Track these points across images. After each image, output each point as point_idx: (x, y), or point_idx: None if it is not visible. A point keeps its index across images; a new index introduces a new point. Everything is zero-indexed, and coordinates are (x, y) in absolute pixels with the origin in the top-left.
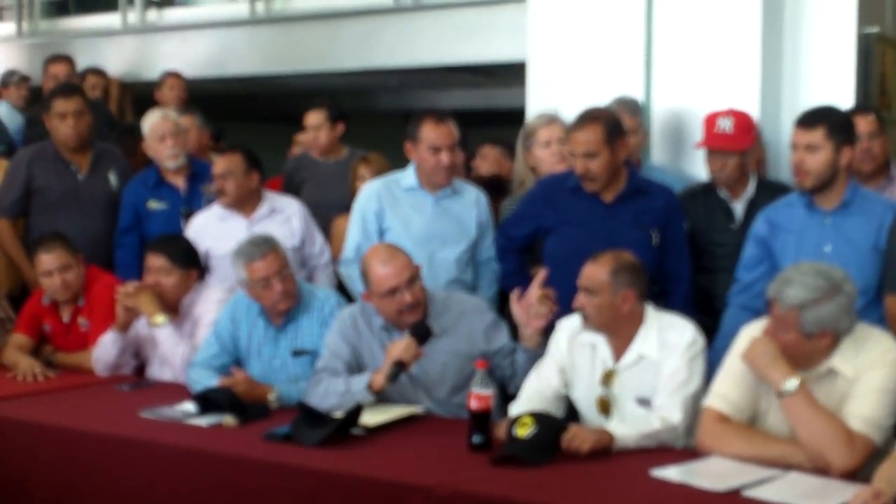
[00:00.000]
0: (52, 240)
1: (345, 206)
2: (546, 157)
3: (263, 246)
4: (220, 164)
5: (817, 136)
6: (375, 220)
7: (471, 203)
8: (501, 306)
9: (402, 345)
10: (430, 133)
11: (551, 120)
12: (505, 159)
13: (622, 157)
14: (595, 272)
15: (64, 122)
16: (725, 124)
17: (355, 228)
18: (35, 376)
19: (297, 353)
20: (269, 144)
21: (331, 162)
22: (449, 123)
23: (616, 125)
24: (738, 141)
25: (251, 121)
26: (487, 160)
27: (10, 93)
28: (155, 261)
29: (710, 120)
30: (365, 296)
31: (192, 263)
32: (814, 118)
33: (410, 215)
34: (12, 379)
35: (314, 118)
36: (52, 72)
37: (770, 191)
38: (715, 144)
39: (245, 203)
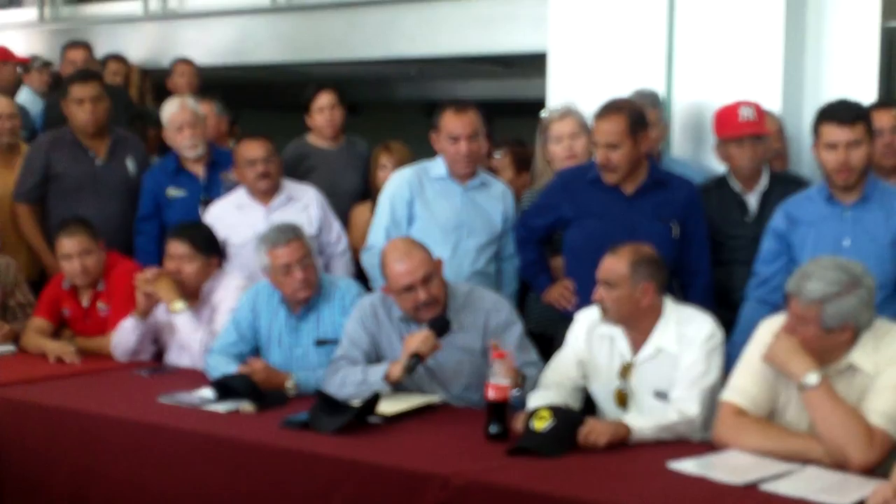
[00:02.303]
0: (74, 224)
1: (358, 194)
2: (558, 153)
3: (288, 233)
4: (259, 148)
5: (859, 131)
6: (406, 208)
7: (498, 197)
8: (521, 299)
9: (419, 337)
10: (448, 122)
11: (564, 114)
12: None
13: (644, 149)
14: (614, 265)
15: (81, 108)
16: (748, 112)
17: (384, 215)
18: (62, 357)
19: (320, 343)
20: (287, 133)
21: (335, 149)
22: (469, 113)
23: (640, 117)
24: (763, 125)
25: (270, 109)
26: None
27: (33, 78)
28: (177, 247)
29: (731, 111)
30: (384, 289)
31: (214, 250)
32: (853, 114)
33: (439, 204)
34: (32, 363)
35: (327, 98)
36: (70, 58)
37: (783, 183)
38: (748, 131)
39: (264, 191)
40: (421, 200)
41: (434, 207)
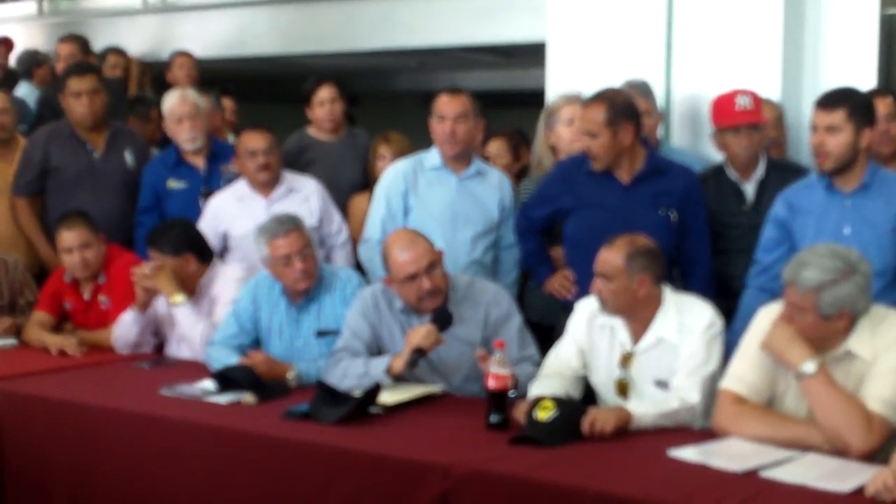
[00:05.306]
0: (74, 217)
1: (358, 185)
2: (566, 135)
3: (287, 224)
4: (261, 139)
5: (837, 117)
6: (401, 200)
7: (494, 186)
8: (521, 289)
9: (422, 331)
10: (439, 104)
11: (575, 98)
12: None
13: (626, 140)
14: (610, 257)
15: (79, 101)
16: (745, 101)
17: (379, 208)
18: (65, 350)
19: (321, 334)
20: (286, 125)
21: (336, 141)
22: (460, 95)
23: (622, 108)
24: (760, 114)
25: (270, 101)
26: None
27: (39, 76)
28: (153, 256)
29: (727, 100)
30: (386, 280)
31: (186, 248)
32: (834, 99)
33: (434, 195)
34: (34, 356)
35: (329, 91)
36: (59, 52)
37: (780, 171)
38: (745, 120)
39: (265, 182)
40: (416, 192)
41: (429, 198)
